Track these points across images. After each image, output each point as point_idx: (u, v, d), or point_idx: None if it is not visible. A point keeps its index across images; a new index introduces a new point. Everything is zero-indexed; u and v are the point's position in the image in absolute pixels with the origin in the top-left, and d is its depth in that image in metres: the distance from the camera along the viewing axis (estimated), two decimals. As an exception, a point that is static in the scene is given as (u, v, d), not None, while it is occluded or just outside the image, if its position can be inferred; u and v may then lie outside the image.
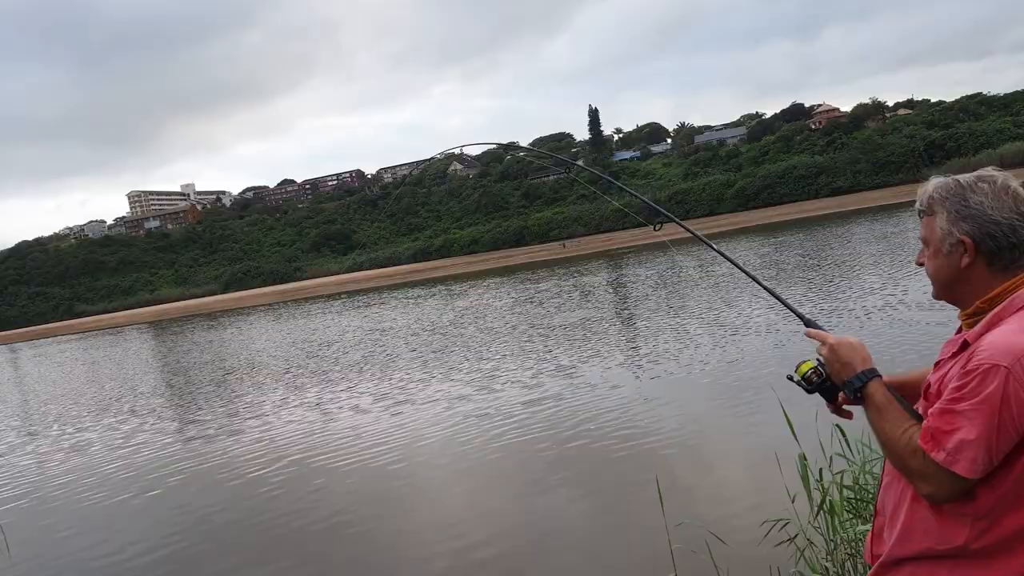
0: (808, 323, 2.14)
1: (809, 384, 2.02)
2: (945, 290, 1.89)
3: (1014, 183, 1.80)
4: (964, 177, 1.83)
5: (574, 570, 5.97)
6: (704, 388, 10.83)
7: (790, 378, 2.05)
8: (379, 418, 12.07)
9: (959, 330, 1.92)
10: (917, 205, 1.91)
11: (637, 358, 13.74)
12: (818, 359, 2.02)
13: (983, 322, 1.78)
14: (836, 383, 1.97)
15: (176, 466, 11.11)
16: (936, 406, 1.74)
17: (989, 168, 1.86)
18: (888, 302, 14.88)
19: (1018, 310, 1.75)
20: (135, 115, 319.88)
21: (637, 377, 12.15)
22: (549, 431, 9.70)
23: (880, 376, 1.90)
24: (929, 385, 1.86)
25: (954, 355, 1.81)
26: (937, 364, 1.88)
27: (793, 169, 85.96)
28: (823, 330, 2.06)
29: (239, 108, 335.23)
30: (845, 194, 76.03)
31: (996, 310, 1.77)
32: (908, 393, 1.95)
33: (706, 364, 12.15)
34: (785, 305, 2.37)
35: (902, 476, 1.83)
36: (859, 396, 1.90)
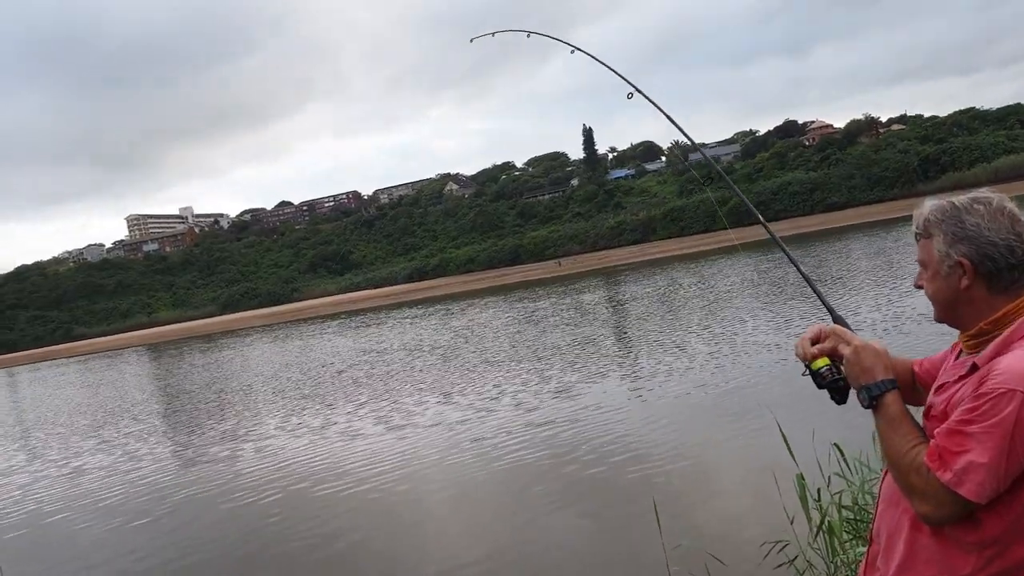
0: (836, 319, 2.13)
1: (821, 379, 2.00)
2: (946, 312, 1.87)
3: (1009, 204, 1.78)
4: (959, 199, 1.82)
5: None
6: (703, 409, 10.78)
7: (806, 365, 2.03)
8: (378, 442, 11.95)
9: (958, 352, 1.90)
10: (913, 228, 1.90)
11: (635, 379, 13.70)
12: (832, 360, 2.00)
13: (993, 345, 1.74)
14: (852, 386, 1.94)
15: (172, 492, 11.02)
16: (945, 426, 1.70)
17: (984, 189, 1.85)
18: (890, 315, 14.90)
19: None
20: (135, 139, 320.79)
21: (635, 398, 12.11)
22: (548, 454, 9.63)
23: (898, 388, 1.87)
24: (931, 406, 1.83)
25: (961, 378, 1.77)
26: (940, 387, 1.85)
27: (788, 185, 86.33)
28: (850, 329, 2.04)
29: (238, 132, 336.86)
30: (840, 209, 76.29)
31: (1006, 333, 1.74)
32: (900, 377, 1.93)
33: (705, 384, 12.10)
34: (820, 297, 2.39)
35: (902, 495, 1.79)
36: (874, 403, 1.86)
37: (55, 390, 36.36)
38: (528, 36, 3.84)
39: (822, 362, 2.01)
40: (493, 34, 3.90)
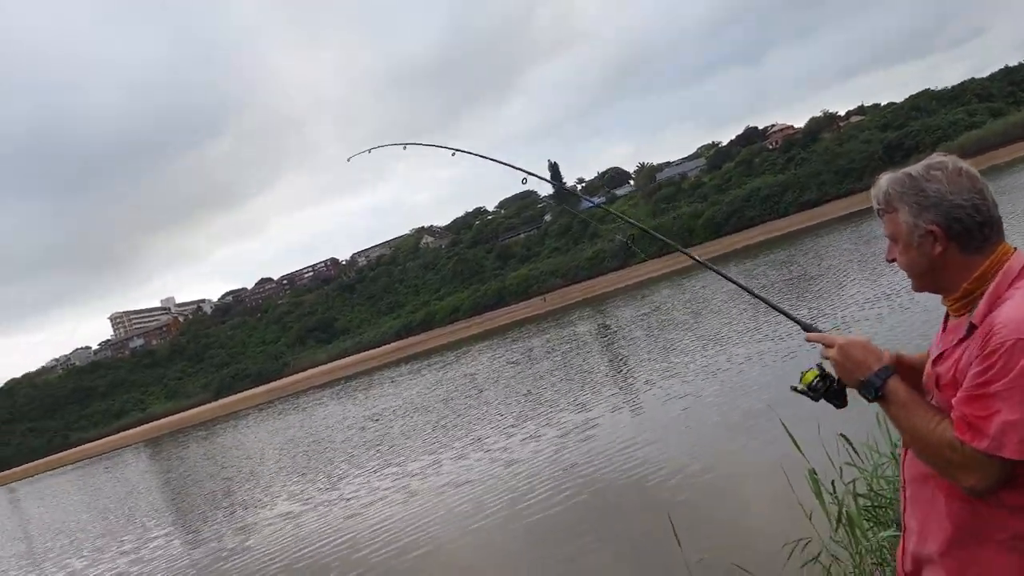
0: (807, 327, 2.06)
1: (816, 392, 1.94)
2: (924, 280, 1.86)
3: (964, 164, 1.79)
4: (914, 169, 1.82)
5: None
6: (706, 421, 10.74)
7: (794, 388, 1.97)
8: (397, 509, 11.51)
9: (946, 317, 1.88)
10: (875, 205, 1.90)
11: (637, 403, 13.67)
12: (820, 365, 1.95)
13: (984, 301, 1.72)
14: (850, 384, 1.88)
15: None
16: (963, 393, 1.66)
17: (935, 155, 1.85)
18: (888, 294, 15.11)
19: (1014, 280, 1.71)
20: (113, 238, 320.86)
21: (639, 420, 12.08)
22: (562, 492, 9.50)
23: (896, 372, 1.82)
24: (939, 377, 1.78)
25: (961, 340, 1.74)
26: (940, 357, 1.81)
27: (758, 191, 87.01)
28: (824, 332, 1.98)
29: (213, 215, 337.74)
30: (814, 207, 76.92)
31: (992, 287, 1.73)
32: (906, 373, 1.87)
33: (705, 397, 12.08)
34: (781, 312, 2.26)
35: (928, 471, 1.75)
36: (879, 394, 1.81)
37: (51, 502, 35.69)
38: (404, 148, 3.87)
39: (811, 375, 1.96)
40: (370, 151, 4.03)
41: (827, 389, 1.93)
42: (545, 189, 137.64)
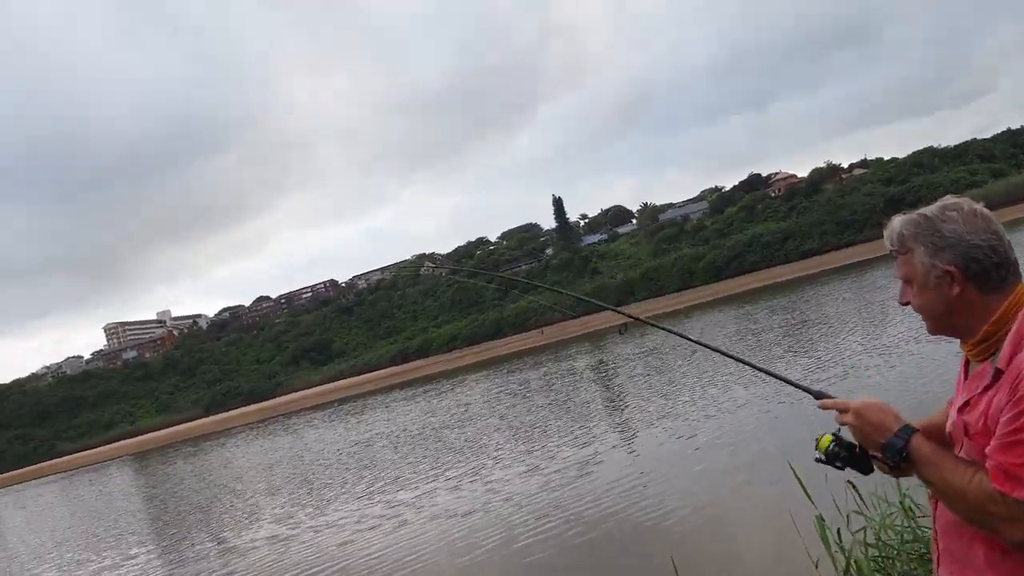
0: (818, 395, 2.00)
1: (837, 459, 1.88)
2: (941, 323, 1.82)
3: (978, 205, 1.79)
4: (929, 209, 1.82)
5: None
6: (713, 462, 10.65)
7: (818, 460, 1.92)
8: (390, 539, 11.30)
9: (965, 363, 1.85)
10: (888, 246, 1.88)
11: (639, 441, 13.58)
12: (834, 434, 1.90)
13: (1007, 344, 1.68)
14: (870, 449, 1.82)
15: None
16: (996, 442, 1.61)
17: (948, 197, 1.85)
18: (898, 342, 15.09)
19: None
20: (111, 249, 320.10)
21: (642, 458, 11.99)
22: (562, 529, 9.40)
23: (918, 430, 1.77)
24: (967, 425, 1.74)
25: (987, 387, 1.70)
26: (966, 404, 1.77)
27: (760, 236, 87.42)
28: (836, 398, 1.92)
29: (214, 231, 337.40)
30: (816, 255, 77.18)
31: (1015, 328, 1.68)
32: (934, 437, 1.82)
33: (713, 438, 11.99)
34: (789, 382, 2.19)
35: (979, 528, 1.67)
36: (904, 456, 1.74)
37: (32, 513, 35.24)
38: (426, 270, 3.77)
39: (826, 441, 1.91)
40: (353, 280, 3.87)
41: (846, 453, 1.88)
42: (547, 223, 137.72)
